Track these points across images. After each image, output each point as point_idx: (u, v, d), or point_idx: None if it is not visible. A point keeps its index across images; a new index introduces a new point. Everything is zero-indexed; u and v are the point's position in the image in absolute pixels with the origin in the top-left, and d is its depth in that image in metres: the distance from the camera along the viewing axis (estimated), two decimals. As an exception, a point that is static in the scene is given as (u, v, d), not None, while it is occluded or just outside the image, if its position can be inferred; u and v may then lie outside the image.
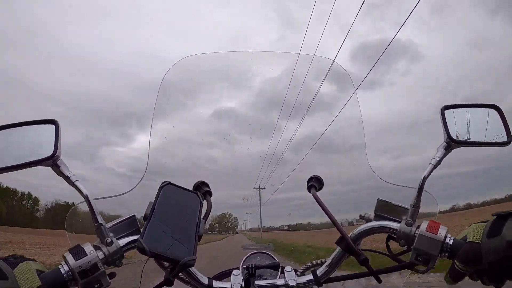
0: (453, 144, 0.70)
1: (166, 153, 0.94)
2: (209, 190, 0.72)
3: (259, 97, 1.07)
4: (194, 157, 1.05)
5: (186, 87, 0.99)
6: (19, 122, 0.69)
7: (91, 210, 0.64)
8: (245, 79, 1.05)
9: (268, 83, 1.07)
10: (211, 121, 1.03)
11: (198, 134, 1.04)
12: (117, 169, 10.86)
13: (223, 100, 1.06)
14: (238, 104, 1.08)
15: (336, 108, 1.04)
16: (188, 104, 1.02)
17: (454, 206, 47.63)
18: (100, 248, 0.62)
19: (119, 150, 64.52)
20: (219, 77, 1.02)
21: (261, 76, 1.05)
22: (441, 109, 0.73)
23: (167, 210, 0.59)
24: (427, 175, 0.69)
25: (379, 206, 0.72)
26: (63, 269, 0.58)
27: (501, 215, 0.58)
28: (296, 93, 1.12)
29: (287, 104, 1.12)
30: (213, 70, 0.99)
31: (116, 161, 41.40)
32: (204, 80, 1.00)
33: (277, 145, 1.16)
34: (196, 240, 0.57)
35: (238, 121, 1.07)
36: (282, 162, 1.16)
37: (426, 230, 0.63)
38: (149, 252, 0.51)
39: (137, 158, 5.85)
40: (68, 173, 0.65)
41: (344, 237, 0.66)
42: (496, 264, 0.56)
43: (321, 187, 0.74)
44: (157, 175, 0.82)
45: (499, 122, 0.75)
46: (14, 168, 0.65)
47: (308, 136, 1.09)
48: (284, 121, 1.13)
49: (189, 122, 1.05)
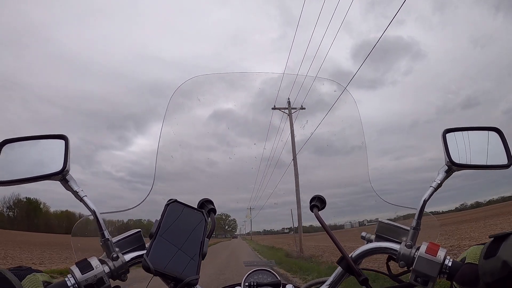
0: (454, 167, 0.72)
1: (170, 162, 0.95)
2: (213, 207, 0.74)
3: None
4: (195, 163, 1.07)
5: (189, 105, 1.01)
6: (30, 136, 0.71)
7: (98, 225, 0.65)
8: (252, 103, 1.07)
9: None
10: (213, 129, 1.06)
11: (199, 141, 1.07)
12: (115, 173, 10.88)
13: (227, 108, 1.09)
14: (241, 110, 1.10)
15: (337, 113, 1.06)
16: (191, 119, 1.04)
17: (462, 204, 47.54)
18: (106, 262, 0.63)
19: (117, 154, 64.48)
20: (226, 96, 1.05)
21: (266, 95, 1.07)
22: (443, 132, 0.74)
23: (172, 228, 0.60)
24: (428, 198, 0.70)
25: (380, 227, 0.73)
26: (69, 282, 0.59)
27: (498, 237, 0.59)
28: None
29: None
30: (220, 90, 1.01)
31: (114, 165, 41.50)
32: (212, 99, 1.02)
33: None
34: (200, 259, 0.58)
35: (238, 126, 1.10)
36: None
37: (425, 252, 0.64)
38: (153, 270, 0.52)
39: (135, 162, 5.87)
40: (76, 188, 0.67)
41: (345, 257, 0.67)
42: (492, 285, 0.57)
43: (323, 206, 0.75)
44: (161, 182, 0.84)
45: (500, 144, 0.76)
46: (24, 181, 0.67)
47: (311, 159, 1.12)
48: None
49: (191, 130, 1.08)
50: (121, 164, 26.45)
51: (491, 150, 0.76)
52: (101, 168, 47.00)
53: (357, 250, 0.71)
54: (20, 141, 0.71)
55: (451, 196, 38.48)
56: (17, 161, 0.71)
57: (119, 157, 39.73)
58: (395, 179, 2.57)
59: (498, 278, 0.55)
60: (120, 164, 31.58)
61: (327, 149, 1.11)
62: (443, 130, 0.74)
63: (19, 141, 0.71)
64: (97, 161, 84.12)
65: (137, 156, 6.88)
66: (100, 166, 54.33)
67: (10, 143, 0.70)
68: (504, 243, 0.57)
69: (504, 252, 0.55)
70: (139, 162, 3.40)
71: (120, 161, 38.64)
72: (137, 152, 7.74)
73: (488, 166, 0.74)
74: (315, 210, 0.73)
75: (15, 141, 0.71)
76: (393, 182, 1.02)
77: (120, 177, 7.88)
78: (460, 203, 50.96)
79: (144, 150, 2.16)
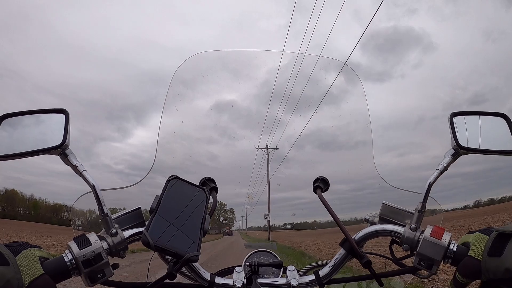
0: (461, 151, 0.71)
1: (170, 149, 0.94)
2: (215, 186, 0.73)
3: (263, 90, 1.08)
4: (196, 153, 1.06)
5: (193, 85, 0.99)
6: (30, 110, 0.70)
7: (97, 200, 0.64)
8: (253, 77, 1.05)
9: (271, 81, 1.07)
10: (214, 116, 1.04)
11: (201, 131, 1.05)
12: (114, 166, 10.86)
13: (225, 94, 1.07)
14: (241, 98, 1.09)
15: (343, 102, 1.04)
16: (193, 101, 1.03)
17: (465, 206, 48.25)
18: (104, 238, 0.62)
19: (116, 146, 64.31)
20: (229, 75, 1.03)
21: (267, 75, 1.05)
22: (450, 115, 0.73)
23: (173, 204, 0.59)
24: (433, 181, 0.69)
25: (384, 210, 0.72)
26: (66, 258, 0.58)
27: (502, 234, 0.58)
28: (301, 93, 1.12)
29: (292, 101, 1.12)
30: (222, 68, 1.00)
31: (114, 158, 41.68)
32: (213, 79, 1.01)
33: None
34: (200, 236, 0.57)
35: (240, 116, 1.08)
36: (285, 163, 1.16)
37: (430, 235, 0.63)
38: (153, 245, 0.51)
39: (135, 154, 5.80)
40: (76, 163, 0.66)
41: (347, 239, 0.66)
42: (494, 281, 0.57)
43: (327, 188, 0.74)
44: (159, 173, 0.83)
45: (507, 130, 0.75)
46: (23, 155, 0.66)
47: (314, 132, 1.10)
48: (287, 116, 1.13)
49: (193, 119, 1.06)
50: (120, 156, 26.53)
51: (497, 135, 0.76)
52: (100, 161, 47.10)
53: (360, 232, 0.70)
54: (20, 116, 0.70)
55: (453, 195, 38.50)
56: (16, 136, 0.70)
57: (118, 149, 39.72)
58: (397, 176, 2.56)
59: (500, 278, 0.56)
60: (119, 157, 31.79)
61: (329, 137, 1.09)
62: (451, 113, 0.73)
63: (19, 116, 0.70)
64: (96, 153, 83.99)
65: (137, 149, 6.82)
66: (99, 159, 54.49)
67: (10, 118, 0.69)
68: (509, 243, 0.56)
69: (508, 255, 0.55)
70: (138, 155, 3.38)
71: (119, 153, 38.55)
72: (137, 144, 7.68)
73: (494, 151, 0.74)
74: (319, 192, 0.72)
75: (15, 115, 0.70)
76: (395, 180, 1.02)
77: (119, 170, 7.97)
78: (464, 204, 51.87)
79: (143, 142, 2.15)
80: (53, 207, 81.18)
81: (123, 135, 68.31)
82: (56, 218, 75.53)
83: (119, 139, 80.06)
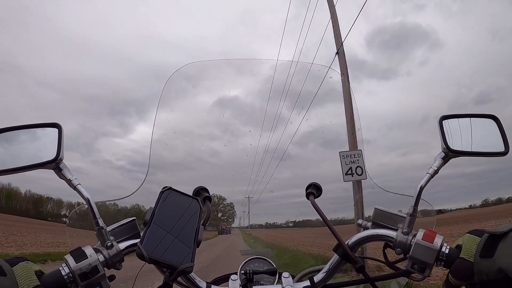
0: (451, 154, 0.71)
1: (167, 150, 0.95)
2: (208, 195, 0.73)
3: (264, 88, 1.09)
4: (193, 152, 1.07)
5: (183, 95, 1.00)
6: (23, 125, 0.70)
7: (92, 214, 0.65)
8: (244, 85, 1.06)
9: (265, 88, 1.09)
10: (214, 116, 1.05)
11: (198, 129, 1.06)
12: (115, 161, 10.83)
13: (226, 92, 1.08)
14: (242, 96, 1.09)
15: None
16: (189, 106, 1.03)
17: (471, 205, 48.38)
18: (100, 251, 0.63)
19: (117, 141, 63.85)
20: (221, 83, 1.04)
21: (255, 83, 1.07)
22: (439, 119, 0.74)
23: (167, 215, 0.59)
24: (424, 185, 0.70)
25: (376, 214, 0.73)
26: (63, 271, 0.59)
27: (494, 235, 0.58)
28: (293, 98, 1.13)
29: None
30: (216, 77, 1.01)
31: (115, 154, 41.19)
32: (208, 85, 1.02)
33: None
34: (194, 247, 0.58)
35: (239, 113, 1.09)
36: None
37: (422, 238, 0.64)
38: (147, 258, 0.52)
39: (136, 150, 5.74)
40: (70, 177, 0.66)
41: (341, 245, 0.67)
42: (487, 282, 0.57)
43: (319, 194, 0.75)
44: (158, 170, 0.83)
45: (497, 132, 0.76)
46: (17, 170, 0.66)
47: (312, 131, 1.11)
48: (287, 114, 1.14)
49: (189, 119, 1.07)
50: (122, 152, 26.22)
51: (488, 137, 0.76)
52: (101, 157, 46.71)
53: (353, 237, 0.71)
54: (13, 131, 0.70)
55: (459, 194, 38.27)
56: (9, 151, 0.70)
57: (120, 145, 39.72)
58: (399, 176, 2.57)
59: (492, 279, 0.56)
60: (121, 152, 31.16)
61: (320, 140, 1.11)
62: (440, 117, 0.74)
63: (12, 131, 0.70)
64: (97, 149, 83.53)
65: (138, 145, 6.80)
66: (100, 155, 53.85)
67: (2, 133, 0.70)
68: (501, 243, 0.56)
69: (500, 255, 0.55)
70: (140, 150, 3.37)
71: (121, 149, 38.31)
72: (138, 140, 7.67)
73: (484, 153, 0.74)
74: (311, 198, 0.73)
75: (8, 130, 0.70)
76: (397, 179, 1.01)
77: (121, 165, 7.98)
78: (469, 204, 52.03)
79: (145, 138, 2.16)
80: (30, 198, 68.53)
81: (124, 131, 68.26)
82: (35, 211, 64.50)
83: (121, 134, 79.88)
